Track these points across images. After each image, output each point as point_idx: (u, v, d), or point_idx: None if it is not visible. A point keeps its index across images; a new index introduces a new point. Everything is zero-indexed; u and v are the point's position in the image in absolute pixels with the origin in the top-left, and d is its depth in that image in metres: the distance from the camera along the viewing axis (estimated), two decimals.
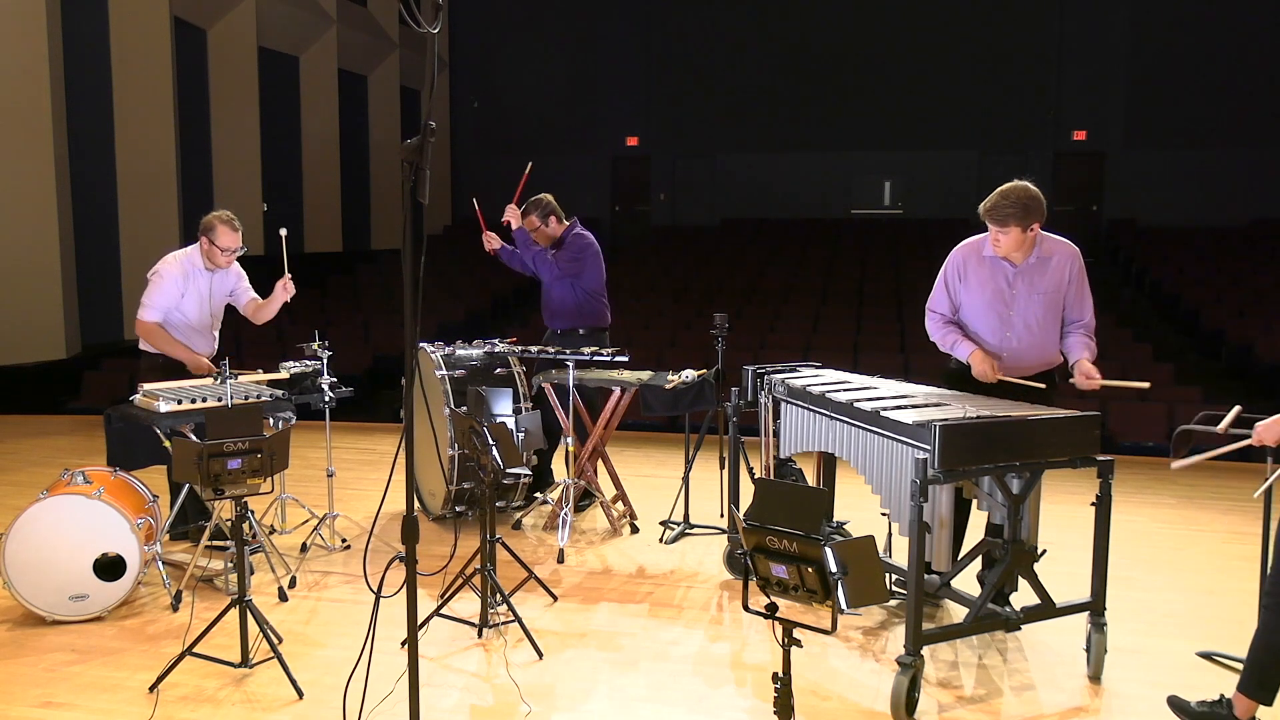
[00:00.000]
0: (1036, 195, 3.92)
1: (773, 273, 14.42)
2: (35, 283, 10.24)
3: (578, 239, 5.80)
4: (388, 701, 3.26)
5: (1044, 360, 4.11)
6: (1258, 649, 3.06)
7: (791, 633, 2.58)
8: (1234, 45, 16.31)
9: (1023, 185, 3.94)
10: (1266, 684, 3.04)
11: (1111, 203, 17.61)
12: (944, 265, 4.27)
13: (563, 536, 5.09)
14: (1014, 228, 3.91)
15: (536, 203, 5.81)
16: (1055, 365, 4.14)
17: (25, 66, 9.96)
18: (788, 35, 18.17)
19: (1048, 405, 3.80)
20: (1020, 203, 3.89)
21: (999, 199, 3.93)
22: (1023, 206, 3.89)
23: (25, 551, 4.01)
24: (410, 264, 2.50)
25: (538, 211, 5.78)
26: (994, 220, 3.95)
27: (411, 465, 2.65)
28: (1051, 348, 4.11)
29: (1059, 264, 4.04)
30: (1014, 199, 3.90)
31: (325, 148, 15.87)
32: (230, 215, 5.02)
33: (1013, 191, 3.92)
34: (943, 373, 4.33)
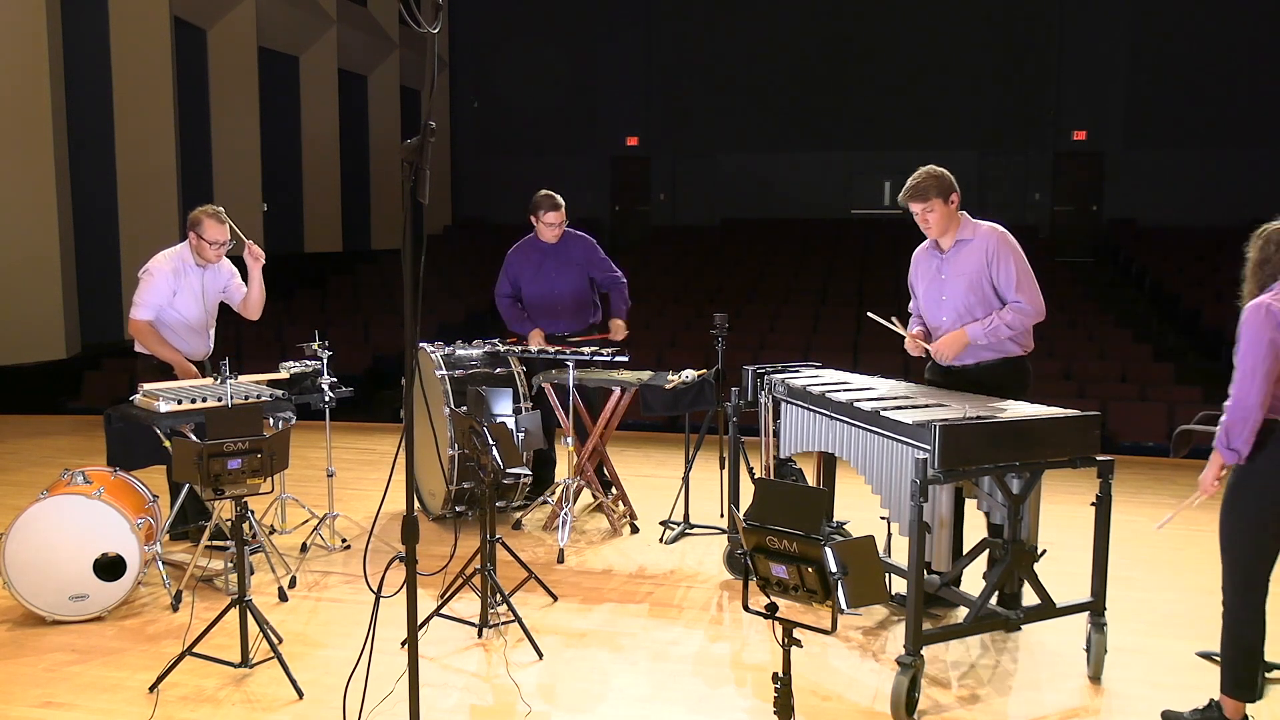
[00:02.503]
0: (945, 171, 4.06)
1: (773, 273, 14.42)
2: (35, 283, 10.24)
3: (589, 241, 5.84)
4: (388, 701, 3.26)
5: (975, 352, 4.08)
6: (1225, 648, 3.13)
7: (791, 633, 2.58)
8: (1234, 46, 16.31)
9: (928, 166, 4.09)
10: (1243, 681, 3.10)
11: (1111, 203, 17.61)
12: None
13: (563, 536, 5.09)
14: (935, 200, 4.01)
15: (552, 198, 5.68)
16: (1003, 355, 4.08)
17: (25, 66, 9.96)
18: (788, 35, 18.18)
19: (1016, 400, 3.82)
20: (932, 175, 4.03)
21: (912, 180, 4.06)
22: (935, 178, 4.02)
23: (25, 551, 4.01)
24: (410, 264, 2.50)
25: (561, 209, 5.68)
26: (916, 198, 4.04)
27: (411, 465, 2.65)
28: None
29: (977, 245, 4.06)
30: (925, 175, 4.04)
31: (325, 148, 15.87)
32: (217, 209, 5.01)
33: (923, 171, 4.07)
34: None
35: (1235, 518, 3.09)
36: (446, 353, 5.45)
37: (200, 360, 5.16)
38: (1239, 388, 3.01)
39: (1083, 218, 17.69)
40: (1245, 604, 3.08)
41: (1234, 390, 3.03)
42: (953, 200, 4.04)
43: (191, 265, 5.02)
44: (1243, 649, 3.09)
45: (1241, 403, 3.00)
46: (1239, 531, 3.07)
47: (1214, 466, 3.12)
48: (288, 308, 13.52)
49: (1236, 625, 3.10)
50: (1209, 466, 3.14)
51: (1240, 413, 3.00)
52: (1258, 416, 2.99)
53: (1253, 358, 2.98)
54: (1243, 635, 3.09)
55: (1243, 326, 3.04)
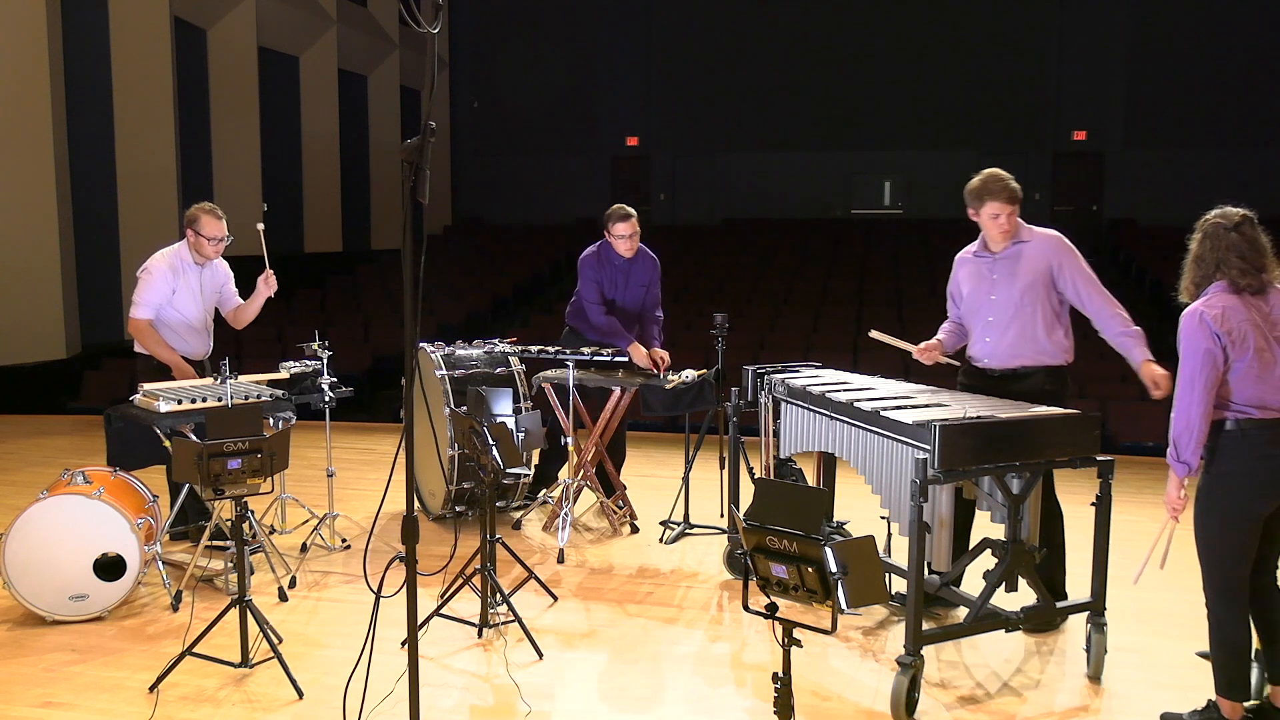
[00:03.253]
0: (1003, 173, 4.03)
1: (773, 273, 14.42)
2: (35, 283, 10.24)
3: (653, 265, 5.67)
4: (388, 701, 3.26)
5: (1017, 354, 4.02)
6: (1214, 650, 3.12)
7: (791, 633, 2.58)
8: (1234, 46, 16.31)
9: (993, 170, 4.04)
10: (1235, 681, 3.09)
11: (1111, 203, 17.62)
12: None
13: (563, 536, 5.09)
14: (1013, 206, 3.98)
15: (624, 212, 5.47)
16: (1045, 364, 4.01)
17: (25, 66, 9.96)
18: (788, 35, 18.18)
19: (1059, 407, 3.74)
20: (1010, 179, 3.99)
21: (1004, 179, 3.97)
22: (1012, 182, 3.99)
23: (25, 551, 4.01)
24: (410, 264, 2.50)
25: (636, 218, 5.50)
26: (1010, 199, 3.96)
27: (411, 465, 2.65)
28: (1029, 342, 4.00)
29: (1038, 249, 4.00)
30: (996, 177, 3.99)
31: (325, 148, 15.87)
32: (213, 205, 5.04)
33: (1001, 173, 4.01)
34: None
35: (1210, 521, 3.07)
36: (446, 353, 5.45)
37: (200, 360, 5.16)
38: (1180, 400, 2.98)
39: (1083, 218, 17.69)
40: (1227, 605, 3.07)
41: (1177, 402, 2.99)
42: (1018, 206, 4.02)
43: (190, 263, 5.03)
44: (1230, 650, 3.08)
45: (1184, 415, 2.96)
46: (1215, 535, 3.06)
47: (1174, 484, 3.08)
48: (288, 308, 13.51)
49: (1221, 628, 3.09)
50: (1170, 485, 3.10)
51: (1184, 424, 2.97)
52: (1202, 427, 2.96)
53: (1190, 368, 2.95)
54: (1228, 637, 3.08)
55: (1180, 335, 3.00)
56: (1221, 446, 3.02)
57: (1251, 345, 2.95)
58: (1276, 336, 2.99)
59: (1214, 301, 2.98)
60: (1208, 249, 3.03)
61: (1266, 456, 2.97)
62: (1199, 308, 2.97)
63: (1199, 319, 2.95)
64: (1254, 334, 2.95)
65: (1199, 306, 2.98)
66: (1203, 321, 2.94)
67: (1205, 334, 2.93)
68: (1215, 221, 3.06)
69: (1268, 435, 2.97)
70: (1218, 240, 3.02)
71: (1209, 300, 2.98)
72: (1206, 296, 3.00)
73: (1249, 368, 2.94)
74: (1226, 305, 2.96)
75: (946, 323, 4.39)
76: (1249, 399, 2.96)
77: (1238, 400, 2.97)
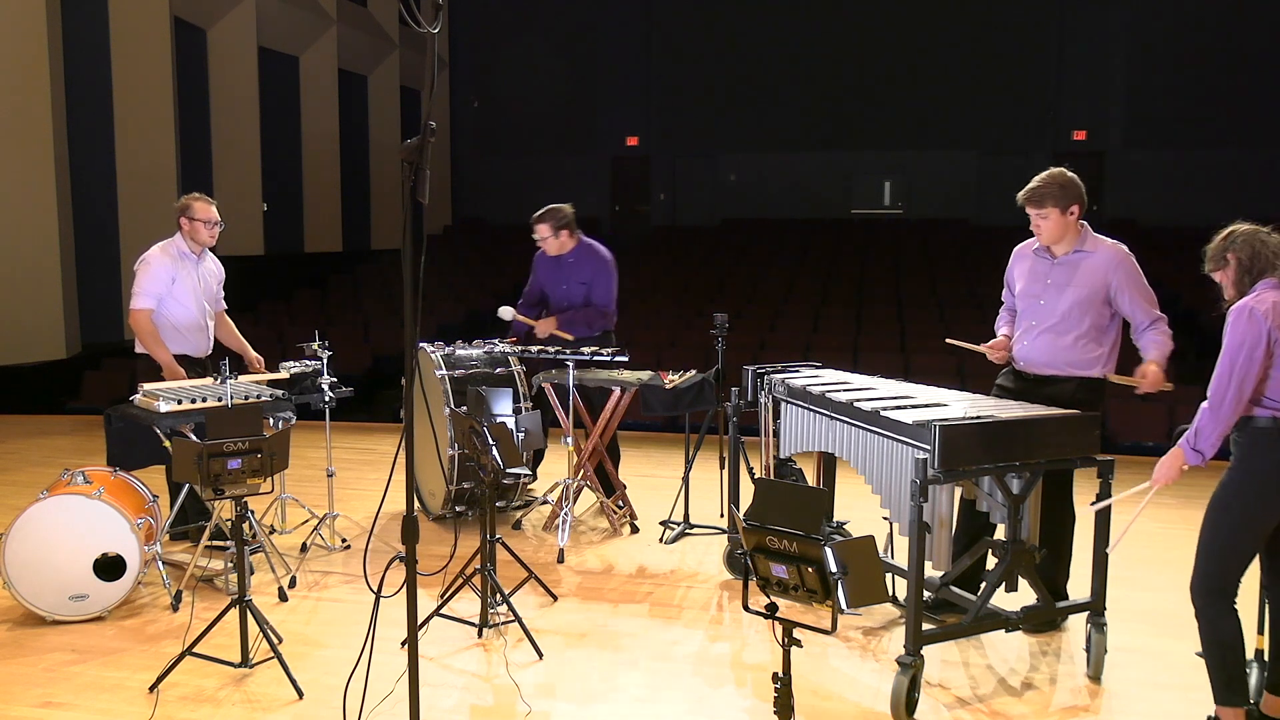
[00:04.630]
0: (1074, 179, 3.89)
1: (773, 273, 14.42)
2: (35, 283, 10.24)
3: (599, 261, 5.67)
4: (388, 701, 3.26)
5: (1052, 361, 3.95)
6: (1210, 653, 3.08)
7: (791, 633, 2.58)
8: (1234, 46, 16.31)
9: (1060, 169, 3.92)
10: (1234, 682, 3.05)
11: (1111, 203, 17.61)
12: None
13: (563, 536, 5.09)
14: (1052, 209, 3.86)
15: (559, 213, 5.58)
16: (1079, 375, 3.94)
17: (25, 66, 9.96)
18: (788, 35, 18.18)
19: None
20: (1056, 183, 3.86)
21: (1036, 182, 3.90)
22: (1059, 186, 3.85)
23: (25, 551, 4.01)
24: (410, 264, 2.50)
25: (555, 220, 5.57)
26: (1033, 203, 3.89)
27: (411, 465, 2.65)
28: (1066, 352, 3.93)
29: (1100, 261, 3.89)
30: (1050, 179, 3.88)
31: (325, 148, 15.87)
32: (200, 194, 5.10)
33: (1049, 174, 3.90)
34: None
35: (1226, 519, 3.03)
36: (446, 353, 5.45)
37: (201, 358, 5.16)
38: (1217, 390, 2.95)
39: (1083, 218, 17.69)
40: (1219, 606, 3.04)
41: (1213, 392, 2.96)
42: (1072, 211, 3.86)
43: (187, 253, 5.05)
44: (1225, 649, 3.03)
45: (1217, 405, 2.94)
46: (1226, 534, 3.04)
47: (1175, 466, 3.06)
48: (288, 308, 13.52)
49: (1215, 629, 3.05)
50: (1170, 460, 3.07)
51: (1213, 415, 2.95)
52: (1230, 421, 2.95)
53: (1231, 360, 2.92)
54: (1223, 637, 3.04)
55: (1226, 328, 2.97)
56: (1257, 444, 2.98)
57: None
58: None
59: (1265, 296, 2.94)
60: (1258, 251, 2.99)
61: None
62: (1249, 302, 2.94)
63: (1249, 313, 2.91)
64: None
65: (1248, 301, 2.94)
66: (1253, 316, 2.90)
67: (1254, 327, 2.89)
68: (1252, 231, 3.05)
69: None
70: (1264, 245, 3.00)
71: (1259, 295, 2.95)
72: (1255, 292, 2.97)
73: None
74: (1277, 300, 2.94)
75: (1004, 310, 4.30)
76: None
77: (1276, 397, 2.94)
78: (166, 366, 4.95)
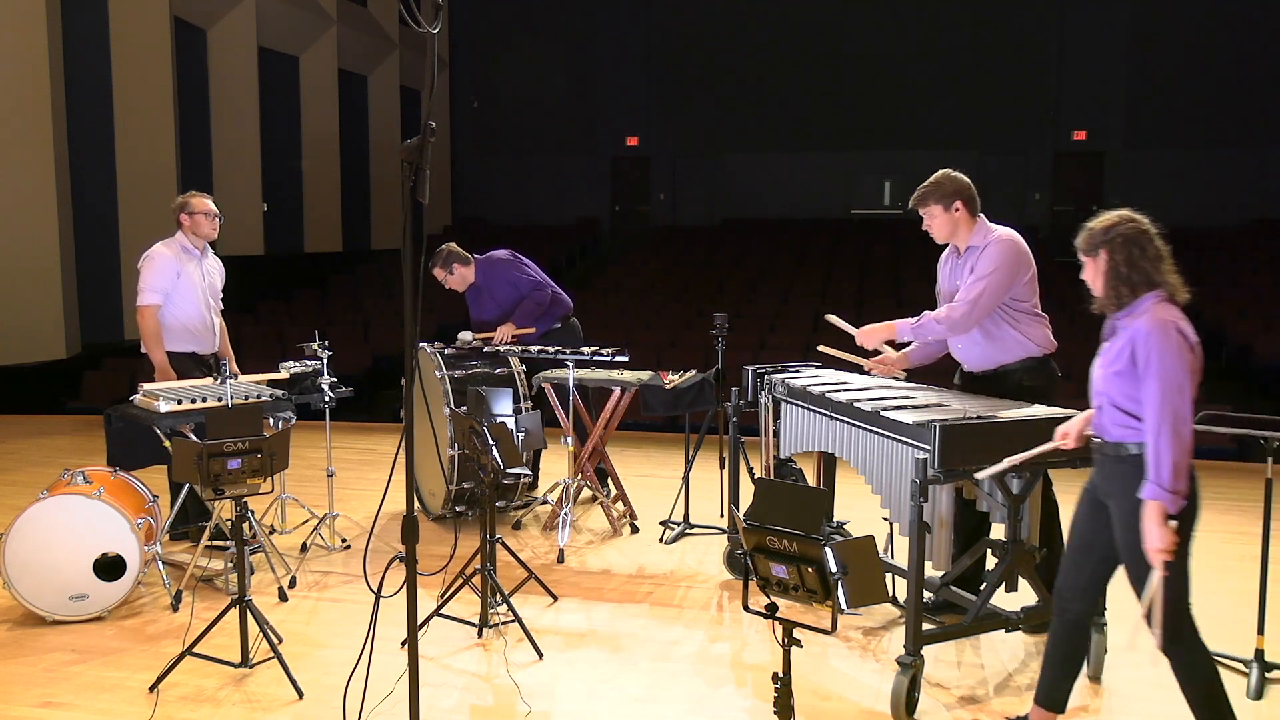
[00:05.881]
0: (954, 176, 3.93)
1: (773, 273, 14.42)
2: (35, 283, 10.24)
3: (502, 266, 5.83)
4: (388, 701, 3.26)
5: (985, 356, 3.97)
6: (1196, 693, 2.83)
7: (791, 633, 2.58)
8: (1233, 46, 16.32)
9: (943, 171, 3.97)
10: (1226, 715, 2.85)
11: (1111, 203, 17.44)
12: None
13: (563, 536, 5.09)
14: (934, 206, 3.92)
15: (438, 255, 5.77)
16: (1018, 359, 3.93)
17: (25, 66, 9.96)
18: (788, 36, 18.18)
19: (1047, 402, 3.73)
20: (934, 182, 3.92)
21: (928, 181, 3.95)
22: (935, 185, 3.91)
23: (25, 551, 4.01)
24: (410, 264, 2.50)
25: (440, 263, 5.77)
26: (917, 204, 3.97)
27: (411, 465, 2.65)
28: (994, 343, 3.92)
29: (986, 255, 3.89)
30: (929, 181, 3.94)
31: (325, 148, 15.88)
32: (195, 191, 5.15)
33: (931, 177, 3.96)
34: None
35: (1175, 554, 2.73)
36: (447, 353, 5.45)
37: (206, 356, 5.17)
38: (1170, 420, 2.61)
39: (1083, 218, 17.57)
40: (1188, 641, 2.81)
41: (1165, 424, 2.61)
42: (956, 208, 3.90)
43: (189, 249, 5.06)
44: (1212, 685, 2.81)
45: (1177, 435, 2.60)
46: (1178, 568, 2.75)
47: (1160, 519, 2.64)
48: (288, 308, 13.52)
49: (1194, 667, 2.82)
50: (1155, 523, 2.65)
51: (1179, 446, 2.61)
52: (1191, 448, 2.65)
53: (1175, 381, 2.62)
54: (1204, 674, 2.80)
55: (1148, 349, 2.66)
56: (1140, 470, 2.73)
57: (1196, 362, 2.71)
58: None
59: (1173, 313, 2.72)
60: (1136, 256, 2.76)
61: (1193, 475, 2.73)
62: (1167, 318, 2.68)
63: (1173, 329, 2.66)
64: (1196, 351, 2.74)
65: (1162, 315, 2.69)
66: (1182, 334, 2.67)
67: (1185, 346, 2.66)
68: (1130, 228, 2.81)
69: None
70: (1143, 254, 2.77)
71: (1167, 310, 2.72)
72: (1151, 307, 2.73)
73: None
74: (1180, 317, 2.71)
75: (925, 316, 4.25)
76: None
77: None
78: (159, 367, 4.95)
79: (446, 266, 5.77)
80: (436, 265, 5.78)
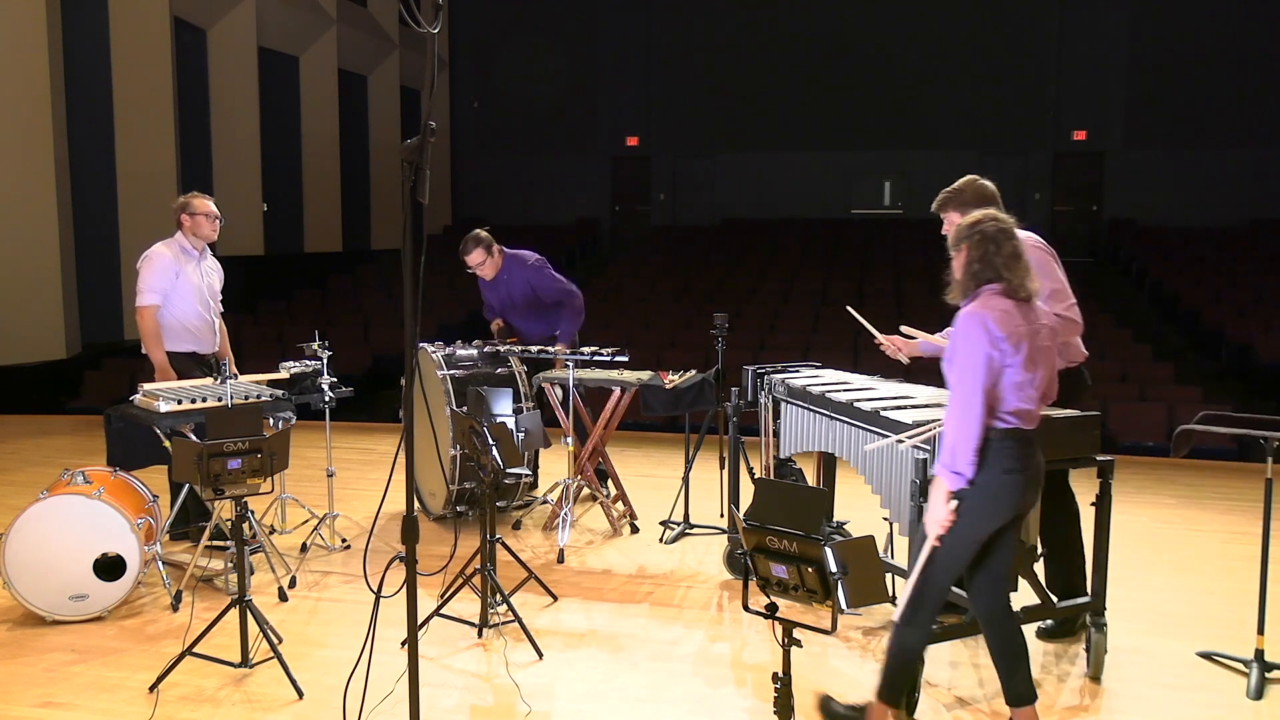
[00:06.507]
0: (976, 182, 3.88)
1: (773, 272, 14.42)
2: (35, 283, 10.24)
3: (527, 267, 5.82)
4: (388, 701, 3.26)
5: None
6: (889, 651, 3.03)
7: (791, 633, 2.58)
8: (1233, 46, 16.31)
9: (968, 177, 3.92)
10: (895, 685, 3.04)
11: (1111, 203, 17.62)
12: None
13: (563, 536, 5.09)
14: (954, 214, 3.87)
15: (480, 239, 5.75)
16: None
17: (25, 66, 9.96)
18: (788, 35, 18.17)
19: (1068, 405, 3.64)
20: (957, 188, 3.89)
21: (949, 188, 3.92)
22: (956, 192, 3.88)
23: (25, 551, 4.01)
24: (410, 264, 2.50)
25: (484, 246, 5.74)
26: (936, 209, 3.94)
27: (411, 465, 2.65)
28: None
29: None
30: (952, 187, 3.91)
31: (325, 148, 15.87)
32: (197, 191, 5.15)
33: (955, 183, 3.92)
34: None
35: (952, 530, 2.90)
36: (447, 353, 5.46)
37: (206, 355, 5.17)
38: (959, 405, 2.83)
39: (1083, 218, 17.70)
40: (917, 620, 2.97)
41: (954, 408, 2.85)
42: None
43: (188, 249, 5.06)
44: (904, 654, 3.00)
45: (963, 421, 2.83)
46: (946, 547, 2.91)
47: (943, 497, 2.88)
48: (288, 308, 13.52)
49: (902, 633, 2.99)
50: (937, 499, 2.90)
51: (963, 431, 2.83)
52: (979, 434, 2.83)
53: (971, 372, 2.82)
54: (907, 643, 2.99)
55: (957, 338, 2.87)
56: (986, 457, 2.88)
57: (1024, 352, 2.85)
58: (1039, 349, 2.91)
59: (993, 304, 2.87)
60: (991, 252, 2.90)
61: (1014, 470, 2.89)
62: (979, 310, 2.85)
63: (982, 323, 2.83)
64: (1026, 342, 2.86)
65: (978, 309, 2.86)
66: (986, 326, 2.82)
67: (988, 338, 2.81)
68: (993, 227, 2.94)
69: (1019, 448, 2.90)
70: (1000, 245, 2.90)
71: (987, 302, 2.87)
72: (981, 298, 2.90)
73: (1014, 375, 2.85)
74: (1004, 309, 2.86)
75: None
76: (1012, 408, 2.87)
77: (1004, 409, 2.87)
78: (159, 367, 4.96)
79: (489, 250, 5.74)
80: (479, 247, 5.72)
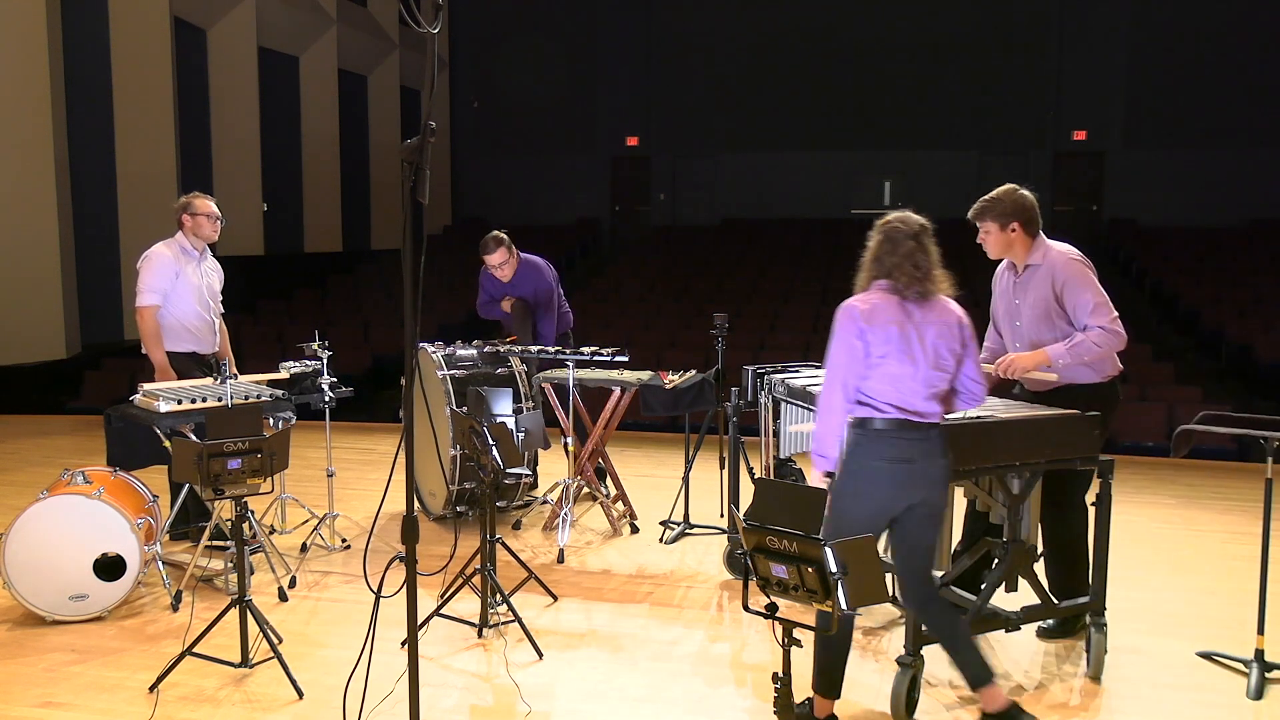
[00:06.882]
0: (1016, 192, 3.82)
1: (773, 273, 14.42)
2: (35, 283, 10.24)
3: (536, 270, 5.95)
4: (388, 701, 3.26)
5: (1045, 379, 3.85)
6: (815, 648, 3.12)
7: (791, 633, 2.58)
8: (1233, 46, 16.31)
9: (1008, 186, 3.86)
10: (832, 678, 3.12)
11: (1111, 203, 17.61)
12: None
13: (563, 536, 5.09)
14: (990, 224, 3.83)
15: (502, 240, 5.81)
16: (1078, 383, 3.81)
17: (25, 66, 9.96)
18: (788, 35, 18.17)
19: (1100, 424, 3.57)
20: (995, 197, 3.82)
21: (989, 196, 3.86)
22: (995, 200, 3.81)
23: (25, 551, 4.01)
24: (410, 264, 2.50)
25: (507, 246, 5.81)
26: (973, 217, 3.88)
27: (411, 465, 2.65)
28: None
29: (1044, 274, 3.81)
30: (992, 196, 3.85)
31: (325, 148, 15.87)
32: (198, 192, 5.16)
33: (997, 191, 3.86)
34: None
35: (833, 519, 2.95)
36: (447, 353, 5.46)
37: (206, 355, 5.17)
38: (825, 393, 3.01)
39: (1083, 218, 17.69)
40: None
41: (822, 396, 3.01)
42: (1013, 229, 3.78)
43: (188, 250, 5.05)
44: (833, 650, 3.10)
45: (826, 407, 2.99)
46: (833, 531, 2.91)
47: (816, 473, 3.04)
48: (288, 308, 13.52)
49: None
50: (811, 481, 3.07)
51: (824, 417, 2.99)
52: (842, 420, 2.98)
53: (834, 359, 2.99)
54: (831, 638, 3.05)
55: (834, 329, 3.02)
56: (858, 443, 3.00)
57: (895, 345, 2.95)
58: (928, 344, 2.98)
59: (868, 297, 3.02)
60: (886, 251, 3.04)
61: (889, 460, 2.96)
62: (851, 303, 3.02)
63: (848, 313, 2.99)
64: (899, 334, 2.96)
65: (851, 301, 3.03)
66: (851, 316, 2.98)
67: (852, 328, 2.96)
68: (896, 226, 3.07)
69: (900, 441, 2.97)
70: (896, 245, 3.03)
71: (867, 297, 3.03)
72: (865, 293, 3.05)
73: (890, 367, 2.95)
74: (878, 303, 2.99)
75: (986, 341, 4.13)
76: (892, 400, 2.97)
77: (882, 399, 2.97)
78: (159, 367, 4.96)
79: (512, 250, 5.84)
80: (501, 246, 5.78)
